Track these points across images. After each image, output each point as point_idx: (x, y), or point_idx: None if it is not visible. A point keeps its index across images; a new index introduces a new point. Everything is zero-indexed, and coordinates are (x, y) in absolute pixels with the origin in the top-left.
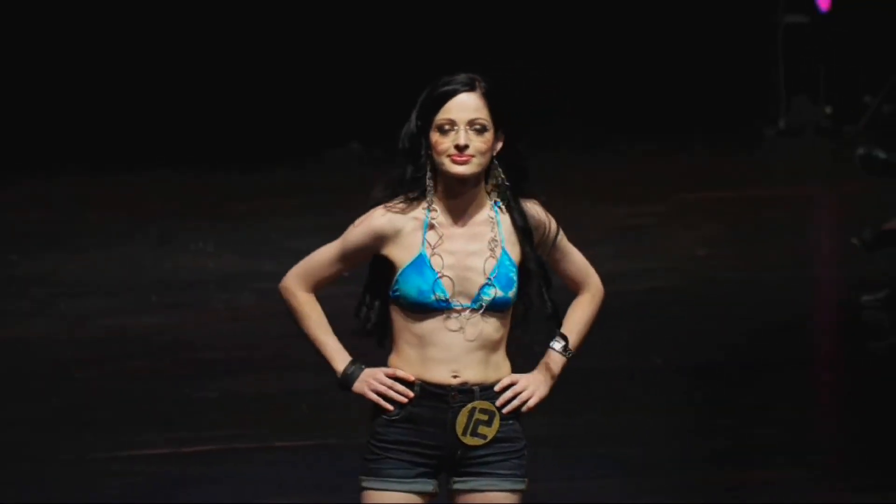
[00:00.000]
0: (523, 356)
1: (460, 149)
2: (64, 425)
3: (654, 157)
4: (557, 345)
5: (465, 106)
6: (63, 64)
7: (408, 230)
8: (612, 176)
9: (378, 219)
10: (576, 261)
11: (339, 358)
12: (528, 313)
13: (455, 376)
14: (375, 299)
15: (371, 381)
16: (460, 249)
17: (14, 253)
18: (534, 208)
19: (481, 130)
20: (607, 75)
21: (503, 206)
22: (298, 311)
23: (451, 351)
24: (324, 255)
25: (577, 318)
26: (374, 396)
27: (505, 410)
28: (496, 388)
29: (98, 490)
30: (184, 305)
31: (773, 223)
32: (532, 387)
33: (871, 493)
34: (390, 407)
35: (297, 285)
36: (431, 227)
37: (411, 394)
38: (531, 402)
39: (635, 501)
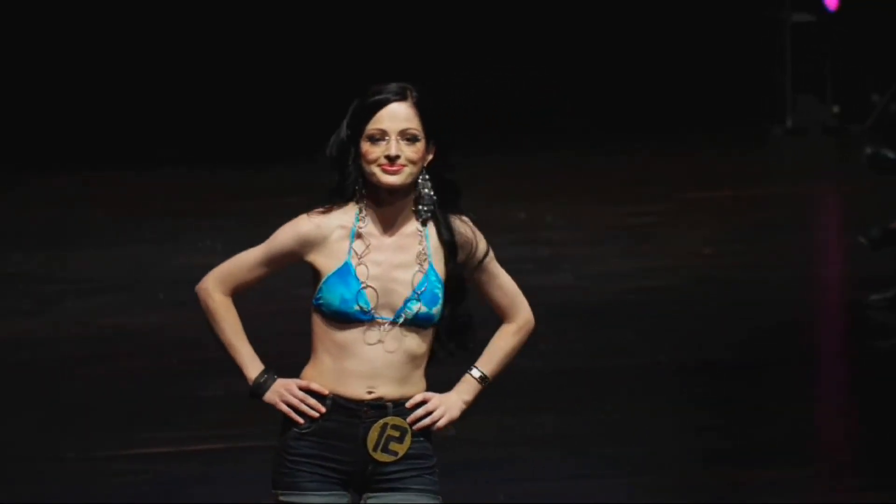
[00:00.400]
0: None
1: (391, 159)
2: (68, 423)
3: (659, 156)
4: (476, 372)
5: (397, 115)
6: (70, 61)
7: (334, 238)
8: (617, 175)
9: (304, 224)
10: (504, 286)
11: (252, 365)
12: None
13: (370, 392)
14: None
15: (283, 393)
16: (386, 261)
17: (20, 250)
18: (462, 225)
19: (413, 140)
20: (613, 74)
21: (430, 221)
22: (214, 314)
23: (370, 364)
24: (246, 259)
25: (500, 347)
26: (285, 408)
27: (416, 427)
28: (408, 405)
29: (102, 489)
30: (190, 304)
31: (779, 222)
32: (444, 407)
33: (875, 493)
34: (301, 420)
35: (215, 287)
36: (359, 236)
37: (323, 408)
38: (441, 423)
39: (638, 500)
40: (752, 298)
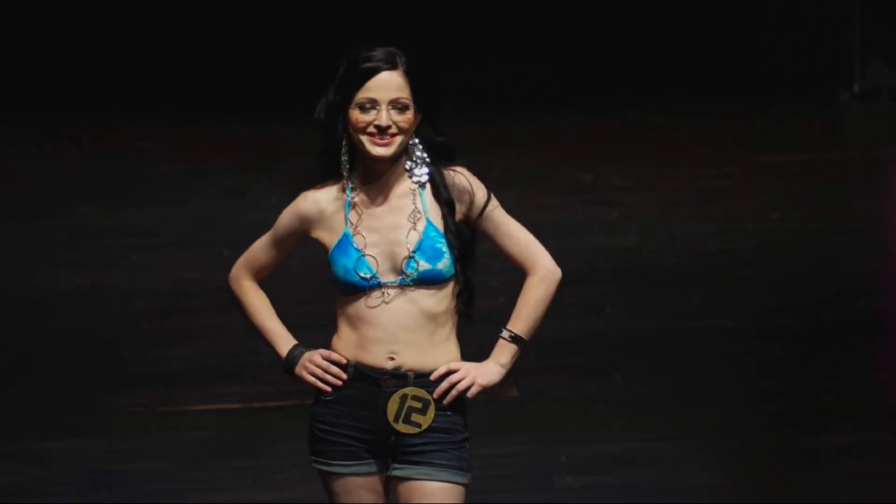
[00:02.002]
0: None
1: (382, 130)
2: (133, 377)
3: (726, 120)
4: (506, 333)
5: (388, 85)
6: (137, 16)
7: (331, 211)
8: (685, 138)
9: (302, 202)
10: (514, 235)
11: (283, 343)
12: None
13: (391, 358)
14: None
15: (307, 364)
16: (384, 225)
17: (86, 204)
18: (458, 176)
19: (403, 109)
20: (681, 37)
21: (424, 180)
22: (242, 299)
23: (387, 330)
24: (260, 244)
25: (525, 301)
26: (310, 379)
27: (445, 402)
28: (432, 377)
29: (167, 443)
30: None
31: (847, 187)
32: (473, 375)
33: None
34: (327, 388)
35: (240, 275)
36: (353, 205)
37: (345, 376)
38: (471, 392)
39: (703, 464)
40: (820, 263)
